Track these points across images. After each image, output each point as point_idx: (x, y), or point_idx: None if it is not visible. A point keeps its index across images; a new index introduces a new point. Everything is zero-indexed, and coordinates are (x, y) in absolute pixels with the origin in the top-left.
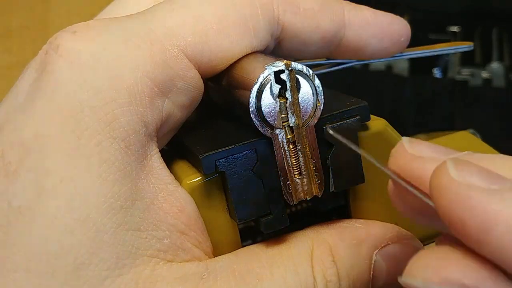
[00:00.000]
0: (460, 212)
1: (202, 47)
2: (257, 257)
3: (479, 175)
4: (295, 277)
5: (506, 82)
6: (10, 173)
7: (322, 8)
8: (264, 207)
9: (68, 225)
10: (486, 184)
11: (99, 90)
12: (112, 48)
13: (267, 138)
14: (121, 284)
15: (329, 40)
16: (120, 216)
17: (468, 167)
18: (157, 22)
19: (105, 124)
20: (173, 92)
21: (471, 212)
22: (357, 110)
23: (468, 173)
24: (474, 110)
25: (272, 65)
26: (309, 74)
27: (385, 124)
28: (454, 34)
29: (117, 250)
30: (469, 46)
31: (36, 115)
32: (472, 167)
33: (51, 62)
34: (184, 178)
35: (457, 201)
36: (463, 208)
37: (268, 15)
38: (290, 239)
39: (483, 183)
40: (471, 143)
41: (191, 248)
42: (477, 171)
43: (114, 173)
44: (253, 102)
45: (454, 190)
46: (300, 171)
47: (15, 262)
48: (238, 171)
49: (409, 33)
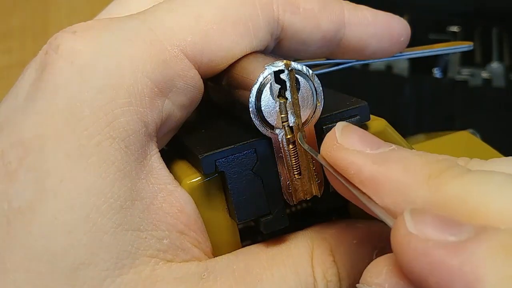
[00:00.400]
0: (419, 270)
1: (202, 47)
2: (257, 257)
3: (435, 226)
4: (295, 277)
5: (506, 82)
6: (10, 173)
7: (322, 8)
8: (264, 207)
9: (68, 225)
10: (443, 236)
11: (99, 90)
12: (112, 48)
13: (267, 138)
14: (121, 284)
15: (329, 40)
16: (120, 216)
17: (424, 218)
18: (157, 22)
19: (105, 124)
20: (173, 92)
21: (430, 270)
22: (357, 110)
23: (425, 225)
24: (474, 110)
25: (272, 65)
26: (309, 74)
27: (385, 124)
28: (454, 34)
29: (117, 250)
30: (469, 46)
31: (36, 115)
32: (428, 217)
33: (51, 62)
34: (184, 178)
35: (417, 257)
36: (421, 266)
37: (268, 15)
38: (290, 239)
39: (440, 234)
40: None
41: (191, 248)
42: (433, 221)
43: (114, 173)
44: (253, 102)
45: (412, 246)
46: (300, 171)
47: (15, 262)
48: (238, 171)
49: (409, 33)
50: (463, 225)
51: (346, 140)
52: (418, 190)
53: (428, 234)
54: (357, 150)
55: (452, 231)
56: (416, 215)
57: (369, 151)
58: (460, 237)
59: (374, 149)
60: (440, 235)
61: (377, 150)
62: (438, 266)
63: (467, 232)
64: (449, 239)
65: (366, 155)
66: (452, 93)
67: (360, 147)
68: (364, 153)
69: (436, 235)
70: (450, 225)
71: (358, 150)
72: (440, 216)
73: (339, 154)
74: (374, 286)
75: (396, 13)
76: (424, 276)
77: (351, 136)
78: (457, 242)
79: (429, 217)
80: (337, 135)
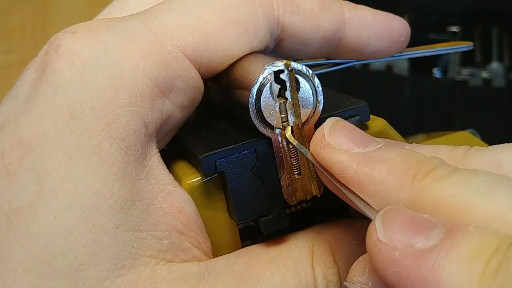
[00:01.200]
0: (389, 278)
1: (202, 47)
2: (257, 258)
3: (404, 232)
4: (296, 278)
5: (506, 82)
6: (10, 173)
7: (322, 8)
8: (263, 207)
9: (68, 225)
10: (411, 242)
11: (99, 90)
12: (112, 49)
13: (267, 138)
14: (121, 285)
15: (329, 39)
16: (120, 216)
17: (393, 223)
18: (157, 22)
19: (105, 124)
20: (173, 93)
21: (398, 279)
22: (357, 110)
23: (393, 232)
24: (474, 110)
25: (271, 65)
26: (309, 74)
27: (385, 124)
28: (454, 34)
29: (117, 250)
30: (469, 46)
31: (36, 115)
32: (397, 222)
33: (51, 63)
34: (183, 178)
35: (386, 266)
36: (390, 275)
37: (268, 15)
38: (290, 239)
39: (408, 241)
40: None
41: (191, 248)
42: (402, 227)
43: (114, 173)
44: (253, 102)
45: (381, 256)
46: (300, 171)
47: (15, 262)
48: (238, 171)
49: (408, 33)
50: (432, 229)
51: (333, 138)
52: (400, 192)
53: (395, 242)
54: (343, 150)
55: (420, 237)
56: (386, 220)
57: (355, 149)
58: (427, 244)
59: (362, 147)
60: (408, 242)
61: (364, 149)
62: (404, 275)
63: (434, 238)
64: (416, 247)
65: (351, 154)
66: (452, 93)
67: (347, 146)
68: (349, 153)
69: (404, 242)
70: (419, 229)
71: (344, 149)
72: (411, 218)
73: (326, 153)
74: (358, 284)
75: (396, 13)
76: (394, 284)
77: (339, 133)
78: (422, 250)
79: (399, 222)
80: (325, 132)
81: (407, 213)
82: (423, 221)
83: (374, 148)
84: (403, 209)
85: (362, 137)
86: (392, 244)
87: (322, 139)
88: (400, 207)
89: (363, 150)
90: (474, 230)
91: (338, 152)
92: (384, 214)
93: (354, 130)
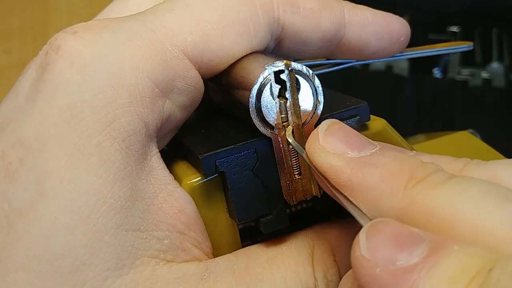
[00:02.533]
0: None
1: (202, 47)
2: (258, 257)
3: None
4: (296, 277)
5: (506, 82)
6: (10, 173)
7: (322, 8)
8: (264, 207)
9: (68, 225)
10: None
11: (100, 90)
12: (113, 49)
13: (267, 138)
14: (121, 285)
15: (329, 39)
16: (121, 216)
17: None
18: (157, 22)
19: (105, 124)
20: (174, 93)
21: None
22: (357, 110)
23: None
24: (474, 110)
25: (272, 65)
26: (309, 74)
27: (385, 124)
28: (454, 34)
29: (117, 250)
30: (469, 46)
31: (36, 115)
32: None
33: (52, 63)
34: (184, 178)
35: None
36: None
37: (268, 15)
38: (290, 239)
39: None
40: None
41: (191, 248)
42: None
43: (115, 173)
44: (253, 102)
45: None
46: (300, 171)
47: (16, 262)
48: (238, 171)
49: (408, 33)
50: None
51: (327, 141)
52: (391, 200)
53: (378, 258)
54: (337, 154)
55: (403, 254)
56: (370, 234)
57: (350, 153)
58: (409, 261)
59: (357, 151)
60: (390, 258)
61: (359, 153)
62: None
63: (417, 256)
64: (397, 264)
65: (345, 159)
66: (452, 93)
67: (342, 149)
68: (343, 157)
69: (386, 259)
70: (403, 245)
71: (338, 154)
72: (396, 233)
73: (319, 157)
74: None
75: (396, 13)
76: None
77: (333, 136)
78: (404, 268)
79: (383, 237)
80: (319, 135)
81: (394, 227)
82: (409, 236)
83: (369, 152)
84: (390, 222)
85: (358, 140)
86: (374, 260)
87: (317, 142)
88: (387, 220)
89: (358, 155)
90: (459, 249)
91: (332, 157)
92: (369, 228)
93: (349, 133)
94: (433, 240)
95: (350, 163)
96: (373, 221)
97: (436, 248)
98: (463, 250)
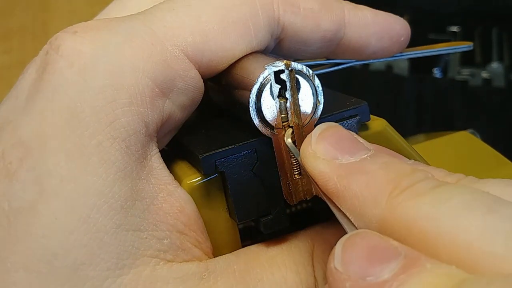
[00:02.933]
0: None
1: (202, 47)
2: (258, 257)
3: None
4: (296, 277)
5: (506, 82)
6: (10, 173)
7: (322, 8)
8: (264, 207)
9: (68, 225)
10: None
11: (100, 90)
12: (113, 49)
13: (267, 138)
14: (121, 285)
15: (329, 39)
16: (121, 216)
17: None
18: (157, 22)
19: (105, 124)
20: (174, 93)
21: None
22: (357, 110)
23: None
24: (474, 110)
25: (272, 65)
26: (309, 74)
27: (385, 124)
28: (454, 34)
29: (117, 250)
30: (469, 46)
31: (36, 115)
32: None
33: (52, 63)
34: (184, 178)
35: None
36: None
37: (268, 15)
38: (290, 239)
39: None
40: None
41: (191, 248)
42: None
43: (115, 173)
44: (253, 102)
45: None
46: (300, 171)
47: (16, 262)
48: (238, 171)
49: (409, 33)
50: (391, 261)
51: (319, 146)
52: (374, 209)
53: (350, 272)
54: (327, 160)
55: (375, 269)
56: (346, 248)
57: (339, 159)
58: (379, 278)
59: (347, 156)
60: (361, 273)
61: (349, 159)
62: None
63: (388, 272)
64: (367, 280)
65: (333, 165)
66: (452, 93)
67: (332, 155)
68: (332, 163)
69: (357, 274)
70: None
71: (328, 160)
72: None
73: (309, 162)
74: None
75: (396, 13)
76: None
77: (325, 141)
78: (372, 284)
79: (358, 251)
80: (312, 140)
81: (371, 241)
82: (383, 251)
83: (359, 158)
84: (369, 235)
85: (350, 145)
86: (346, 274)
87: (309, 147)
88: (366, 233)
89: (347, 161)
90: (431, 268)
91: (322, 162)
92: (345, 241)
93: (342, 137)
94: (408, 255)
95: (338, 170)
96: (350, 234)
97: (408, 265)
98: (434, 269)
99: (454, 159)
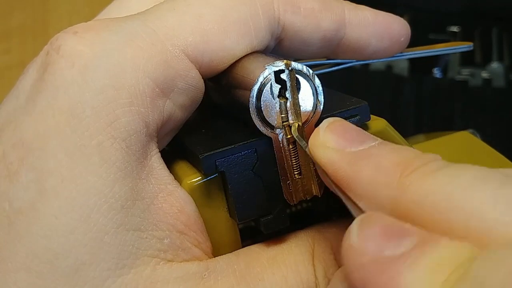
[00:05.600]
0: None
1: (203, 47)
2: (258, 257)
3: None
4: (297, 276)
5: (506, 82)
6: (11, 173)
7: (323, 8)
8: (264, 207)
9: (69, 225)
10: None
11: (100, 90)
12: (113, 49)
13: (267, 138)
14: (121, 284)
15: (329, 39)
16: (121, 216)
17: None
18: (158, 22)
19: (106, 124)
20: (174, 93)
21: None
22: (357, 110)
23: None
24: (474, 110)
25: (272, 65)
26: (309, 74)
27: (385, 124)
28: (454, 34)
29: (117, 250)
30: (469, 46)
31: (37, 115)
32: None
33: (52, 63)
34: (184, 178)
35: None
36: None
37: (268, 15)
38: (290, 238)
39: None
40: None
41: (191, 248)
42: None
43: (115, 173)
44: (253, 102)
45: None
46: (300, 171)
47: (16, 262)
48: (238, 171)
49: (409, 33)
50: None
51: (327, 136)
52: (386, 191)
53: (367, 248)
54: (336, 148)
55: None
56: (363, 225)
57: (348, 148)
58: (396, 252)
59: (355, 145)
60: (378, 248)
61: (357, 147)
62: (367, 282)
63: (405, 247)
64: (385, 254)
65: (343, 153)
66: (452, 93)
67: (341, 144)
68: (341, 152)
69: (374, 249)
70: (392, 237)
71: (337, 148)
72: (388, 226)
73: (319, 152)
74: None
75: (396, 13)
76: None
77: (333, 132)
78: (390, 257)
79: (374, 229)
80: (320, 131)
81: (386, 221)
82: (399, 229)
83: (367, 146)
84: (383, 216)
85: (357, 135)
86: (363, 250)
87: (318, 137)
88: (380, 214)
89: (356, 149)
90: (446, 242)
91: (331, 151)
92: (362, 219)
93: (350, 129)
94: (422, 233)
95: (347, 157)
96: (367, 213)
97: (424, 240)
98: (450, 243)
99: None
